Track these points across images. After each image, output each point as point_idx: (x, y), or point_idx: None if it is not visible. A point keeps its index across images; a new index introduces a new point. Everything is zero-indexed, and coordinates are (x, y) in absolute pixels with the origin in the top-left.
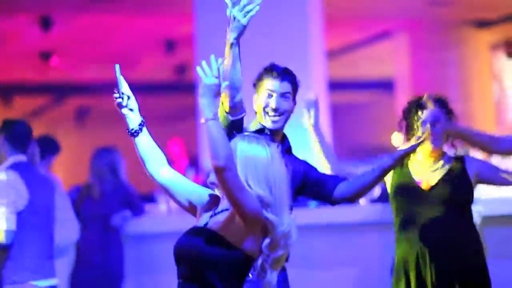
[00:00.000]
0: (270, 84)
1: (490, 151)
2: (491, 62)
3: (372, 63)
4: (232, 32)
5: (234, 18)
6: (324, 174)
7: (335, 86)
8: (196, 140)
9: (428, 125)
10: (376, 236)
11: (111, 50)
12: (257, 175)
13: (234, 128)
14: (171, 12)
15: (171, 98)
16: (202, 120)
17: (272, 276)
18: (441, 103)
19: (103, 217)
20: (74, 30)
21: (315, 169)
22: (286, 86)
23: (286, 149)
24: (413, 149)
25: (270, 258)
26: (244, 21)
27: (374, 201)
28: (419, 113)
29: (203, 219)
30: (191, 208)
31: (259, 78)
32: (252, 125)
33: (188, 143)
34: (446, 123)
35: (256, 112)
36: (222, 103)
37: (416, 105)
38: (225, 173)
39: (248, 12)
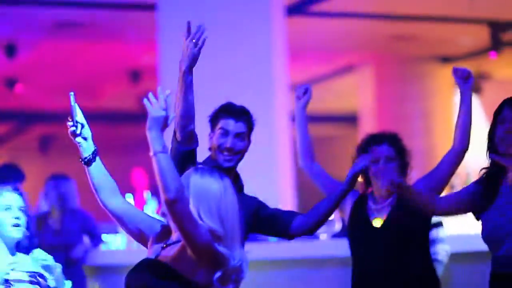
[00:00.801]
0: (225, 123)
1: (431, 211)
2: (454, 97)
3: (336, 97)
4: (184, 62)
5: (187, 47)
6: (278, 209)
7: None
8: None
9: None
10: (336, 271)
11: (75, 77)
12: (209, 208)
13: (186, 159)
14: (136, 41)
15: (134, 128)
16: (151, 153)
17: None
18: (393, 140)
19: (63, 248)
20: (39, 56)
21: (267, 205)
22: (242, 126)
23: (238, 188)
24: (360, 168)
25: None
26: (195, 50)
27: (335, 235)
28: (373, 150)
29: (155, 250)
30: (142, 238)
31: (215, 116)
32: (205, 160)
33: (150, 173)
34: (394, 175)
35: (210, 148)
36: (174, 133)
37: (369, 142)
38: (175, 205)
39: (198, 41)
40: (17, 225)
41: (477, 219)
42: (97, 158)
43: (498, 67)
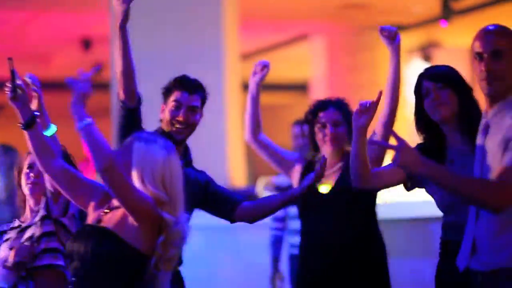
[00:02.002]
0: (179, 95)
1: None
2: (405, 66)
3: (288, 65)
4: (117, 19)
5: (117, 4)
6: (225, 190)
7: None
8: (111, 139)
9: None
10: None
11: (26, 47)
12: (153, 174)
13: (130, 118)
14: (87, 10)
15: None
16: (78, 126)
17: (165, 276)
18: (339, 105)
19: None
20: None
21: (215, 182)
22: (195, 99)
23: (187, 161)
24: (317, 178)
25: (164, 257)
26: (124, 6)
27: None
28: (319, 115)
29: (96, 216)
30: (84, 203)
31: (169, 88)
32: (155, 132)
33: None
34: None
35: (161, 120)
36: (118, 95)
37: (316, 107)
38: (108, 173)
39: None
40: None
41: (410, 189)
42: (36, 123)
43: (448, 35)
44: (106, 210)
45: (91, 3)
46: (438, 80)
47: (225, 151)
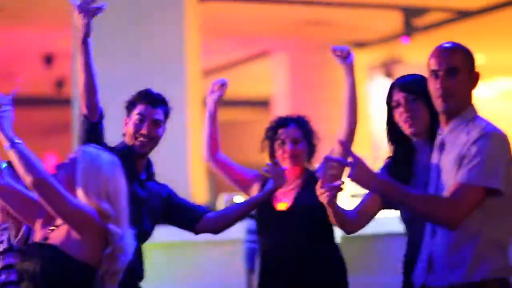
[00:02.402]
0: (143, 109)
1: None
2: (367, 83)
3: (250, 82)
4: (80, 33)
5: (79, 18)
6: (188, 202)
7: None
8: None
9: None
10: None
11: None
12: (98, 187)
13: (94, 132)
14: (49, 26)
15: (48, 112)
16: (7, 146)
17: None
18: (299, 122)
19: None
20: None
21: (178, 195)
22: (159, 113)
23: (150, 175)
24: (279, 185)
25: (109, 270)
26: (85, 20)
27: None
28: (279, 132)
29: (43, 234)
30: (31, 221)
31: (132, 102)
32: (118, 145)
33: (63, 157)
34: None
35: (124, 134)
36: (80, 109)
37: (277, 124)
38: (39, 187)
39: (90, 10)
40: None
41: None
42: None
43: (410, 52)
44: (52, 228)
45: (53, 18)
46: (410, 91)
47: (187, 167)
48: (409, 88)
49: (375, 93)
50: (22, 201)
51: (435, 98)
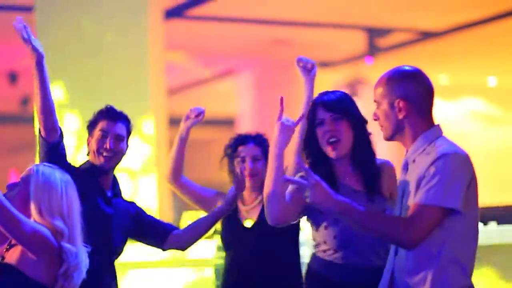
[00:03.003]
0: (105, 125)
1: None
2: None
3: (215, 100)
4: (33, 58)
5: (27, 46)
6: (155, 219)
7: (177, 122)
8: None
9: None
10: None
11: None
12: (51, 206)
13: (55, 153)
14: (13, 42)
15: (12, 130)
16: None
17: None
18: (259, 140)
19: None
20: None
21: (145, 212)
22: (121, 128)
23: (116, 192)
24: (239, 191)
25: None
26: (30, 44)
27: None
28: (239, 150)
29: None
30: None
31: (94, 120)
32: (82, 166)
33: None
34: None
35: (87, 153)
36: (39, 131)
37: (236, 142)
38: None
39: (27, 38)
40: None
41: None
42: None
43: (374, 72)
44: (7, 246)
45: (17, 36)
46: (334, 111)
47: (153, 185)
48: (334, 107)
49: None
50: None
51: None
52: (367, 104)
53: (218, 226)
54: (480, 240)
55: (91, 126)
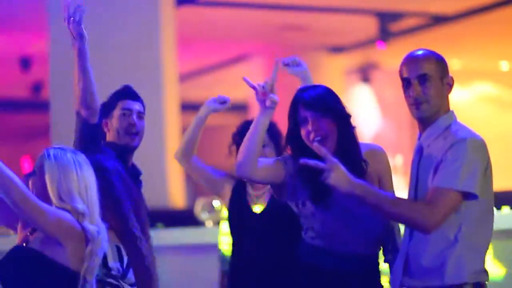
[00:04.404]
0: (127, 104)
1: None
2: (344, 86)
3: (227, 86)
4: (75, 41)
5: (70, 28)
6: None
7: (190, 107)
8: None
9: None
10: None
11: None
12: (68, 188)
13: (95, 134)
14: (26, 29)
15: (24, 116)
16: None
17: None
18: (268, 125)
19: None
20: None
21: None
22: (140, 106)
23: (137, 174)
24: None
25: (89, 266)
26: (77, 28)
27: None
28: None
29: (23, 236)
30: (11, 223)
31: (113, 101)
32: (105, 146)
33: None
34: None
35: (104, 134)
36: (79, 113)
37: (244, 128)
38: (22, 206)
39: (77, 20)
40: None
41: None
42: None
43: (386, 57)
44: (30, 230)
45: (29, 22)
46: (317, 109)
47: (165, 171)
48: (316, 105)
49: (354, 99)
50: (3, 209)
51: (408, 105)
52: (379, 89)
53: (225, 211)
54: (494, 224)
55: (109, 107)
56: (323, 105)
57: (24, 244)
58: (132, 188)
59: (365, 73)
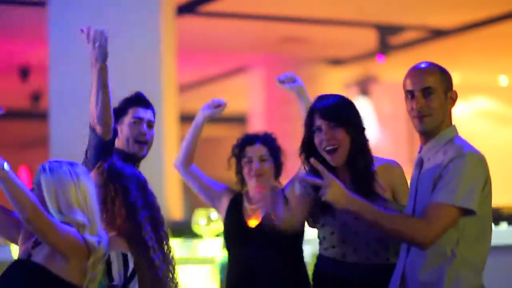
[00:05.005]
0: (139, 111)
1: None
2: None
3: (227, 97)
4: (98, 59)
5: (93, 46)
6: None
7: (189, 119)
8: None
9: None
10: None
11: None
12: (67, 200)
13: (108, 150)
14: (25, 39)
15: (23, 125)
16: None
17: None
18: (266, 140)
19: None
20: None
21: None
22: (152, 116)
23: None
24: None
25: (92, 276)
26: (102, 44)
27: None
28: (246, 150)
29: (25, 249)
30: (12, 236)
31: (124, 107)
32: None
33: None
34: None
35: (113, 141)
36: (94, 130)
37: (243, 142)
38: (34, 222)
39: (102, 40)
40: None
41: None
42: None
43: (385, 70)
44: (33, 244)
45: (29, 32)
46: (331, 119)
47: (162, 183)
48: (330, 115)
49: None
50: (5, 220)
51: (411, 118)
52: (378, 103)
53: (221, 225)
54: (491, 240)
55: (120, 113)
56: (337, 115)
57: (26, 257)
58: (151, 196)
59: (364, 86)
